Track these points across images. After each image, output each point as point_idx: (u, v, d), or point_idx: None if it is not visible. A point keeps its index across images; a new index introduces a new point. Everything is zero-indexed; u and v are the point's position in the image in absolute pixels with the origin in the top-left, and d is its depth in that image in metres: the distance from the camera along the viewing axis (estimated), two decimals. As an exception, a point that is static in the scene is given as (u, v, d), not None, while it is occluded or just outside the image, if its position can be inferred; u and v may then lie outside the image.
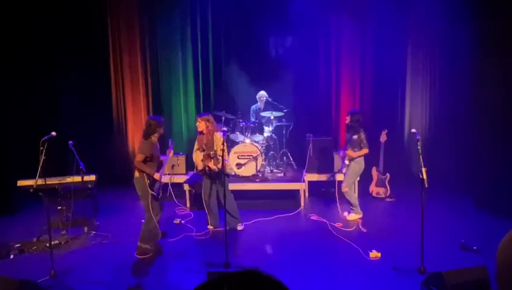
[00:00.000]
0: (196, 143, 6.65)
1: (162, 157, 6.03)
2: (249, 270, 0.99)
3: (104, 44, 9.36)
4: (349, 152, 6.88)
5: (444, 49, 8.81)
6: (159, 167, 5.88)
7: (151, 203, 5.73)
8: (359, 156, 6.85)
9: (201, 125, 6.42)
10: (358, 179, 7.47)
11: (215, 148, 6.34)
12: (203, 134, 6.45)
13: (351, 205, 7.09)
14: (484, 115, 7.68)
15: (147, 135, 5.78)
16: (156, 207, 5.83)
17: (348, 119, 6.93)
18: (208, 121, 6.41)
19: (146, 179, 5.69)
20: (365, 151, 6.79)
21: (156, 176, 5.75)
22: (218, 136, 6.35)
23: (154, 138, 5.82)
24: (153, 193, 5.72)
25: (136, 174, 5.75)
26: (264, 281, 0.97)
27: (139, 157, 5.69)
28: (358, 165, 6.91)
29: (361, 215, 7.05)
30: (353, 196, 7.22)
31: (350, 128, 6.94)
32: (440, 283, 4.36)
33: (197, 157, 6.61)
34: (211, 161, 6.41)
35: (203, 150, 6.49)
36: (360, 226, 6.70)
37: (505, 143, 7.27)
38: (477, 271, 4.17)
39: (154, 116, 6.16)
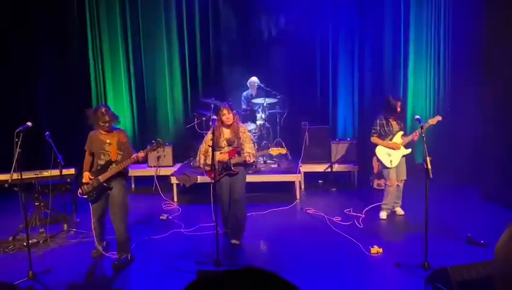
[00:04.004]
0: (206, 141, 5.85)
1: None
2: (251, 268, 0.97)
3: (82, 26, 9.31)
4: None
5: (449, 27, 8.83)
6: (92, 165, 5.46)
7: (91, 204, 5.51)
8: None
9: (230, 117, 5.79)
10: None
11: (241, 142, 5.81)
12: (223, 128, 5.84)
13: (399, 199, 6.90)
14: (493, 101, 7.69)
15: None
16: (94, 208, 5.51)
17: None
18: (234, 112, 5.91)
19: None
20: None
21: (84, 175, 5.40)
22: (245, 129, 6.03)
23: (98, 131, 5.42)
24: (79, 191, 5.45)
25: None
26: (270, 281, 0.95)
27: (86, 151, 5.51)
28: None
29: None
30: None
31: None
32: (445, 279, 4.38)
33: (208, 155, 5.72)
34: (235, 156, 5.79)
35: (219, 147, 5.80)
36: (356, 222, 6.72)
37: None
38: (485, 266, 4.19)
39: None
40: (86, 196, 5.44)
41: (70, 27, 9.20)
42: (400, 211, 6.95)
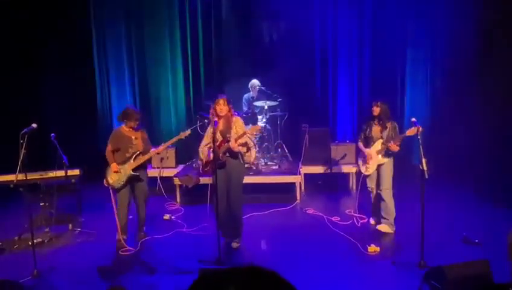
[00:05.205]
0: (206, 137, 5.83)
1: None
2: (252, 267, 0.96)
3: (87, 31, 9.38)
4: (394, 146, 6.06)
5: (448, 28, 8.88)
6: (124, 159, 5.97)
7: (112, 195, 6.01)
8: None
9: (223, 109, 5.59)
10: None
11: (234, 131, 5.54)
12: (219, 120, 5.62)
13: (385, 213, 6.31)
14: (487, 104, 7.72)
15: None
16: (119, 199, 6.02)
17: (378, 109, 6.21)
18: (229, 103, 5.69)
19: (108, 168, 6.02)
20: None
21: (112, 166, 5.94)
22: (238, 119, 5.73)
23: (125, 128, 6.01)
24: (106, 180, 5.95)
25: None
26: (271, 281, 0.95)
27: (108, 147, 6.05)
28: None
29: (393, 231, 6.28)
30: (392, 202, 6.34)
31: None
32: (441, 277, 4.41)
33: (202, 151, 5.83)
34: (223, 145, 5.55)
35: (216, 141, 5.44)
36: (355, 222, 6.75)
37: (508, 134, 7.32)
38: (479, 264, 4.22)
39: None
40: (113, 185, 5.93)
41: (75, 30, 9.24)
42: (382, 227, 6.35)
